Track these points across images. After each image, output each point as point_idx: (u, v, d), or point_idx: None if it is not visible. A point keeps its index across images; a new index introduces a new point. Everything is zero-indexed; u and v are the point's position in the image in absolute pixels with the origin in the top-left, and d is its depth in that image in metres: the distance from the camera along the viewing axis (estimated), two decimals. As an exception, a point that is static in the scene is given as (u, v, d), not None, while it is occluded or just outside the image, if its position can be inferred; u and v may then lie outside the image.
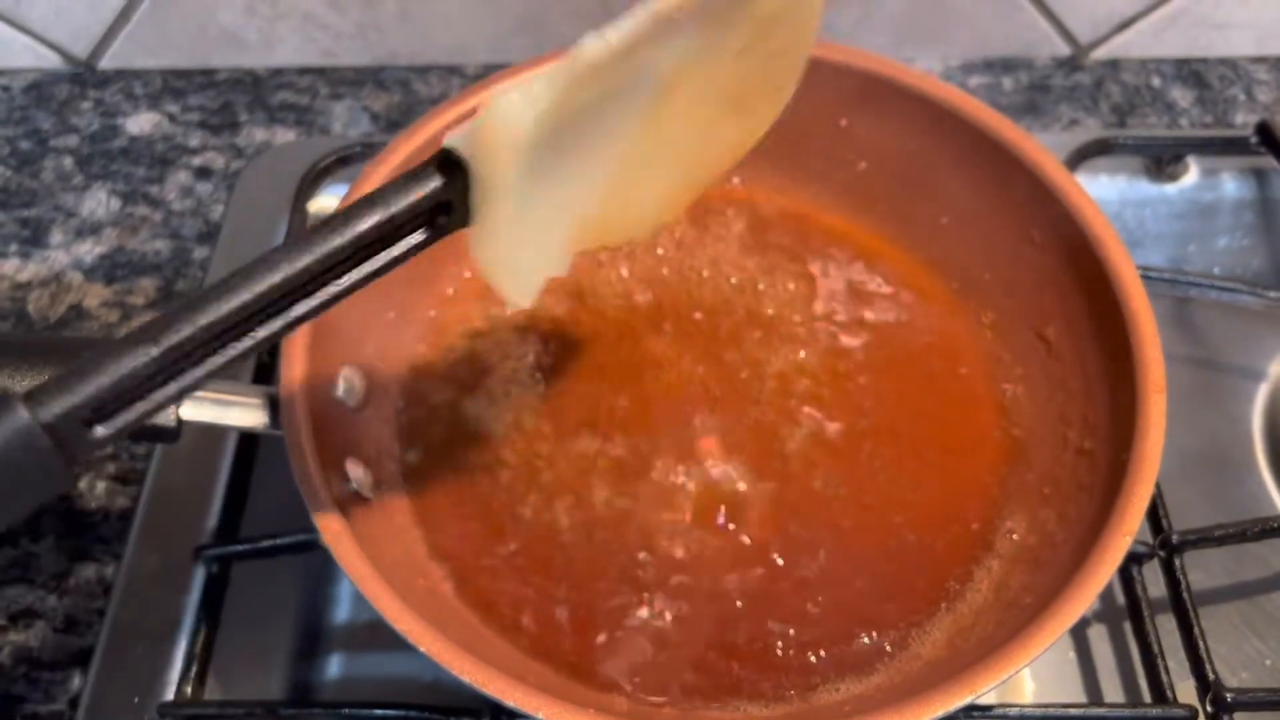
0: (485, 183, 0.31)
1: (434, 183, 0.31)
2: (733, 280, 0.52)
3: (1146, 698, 0.44)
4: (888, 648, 0.42)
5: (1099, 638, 0.48)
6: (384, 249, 0.31)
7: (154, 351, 0.28)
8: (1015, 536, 0.43)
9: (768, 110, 0.40)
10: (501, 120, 0.30)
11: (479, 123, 0.30)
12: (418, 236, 0.32)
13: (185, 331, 0.28)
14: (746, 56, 0.36)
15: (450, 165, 0.31)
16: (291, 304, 0.30)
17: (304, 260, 0.30)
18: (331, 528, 0.37)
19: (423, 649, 0.35)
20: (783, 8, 0.35)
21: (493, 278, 0.34)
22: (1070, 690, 0.46)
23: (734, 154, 0.41)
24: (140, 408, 0.29)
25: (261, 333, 0.30)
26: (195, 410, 0.40)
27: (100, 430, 0.28)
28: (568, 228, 0.36)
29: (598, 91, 0.32)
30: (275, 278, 0.29)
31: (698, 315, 0.50)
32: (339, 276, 0.31)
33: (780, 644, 0.42)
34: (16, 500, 0.27)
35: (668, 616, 0.42)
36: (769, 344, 0.49)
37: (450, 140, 0.31)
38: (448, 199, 0.31)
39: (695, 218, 0.54)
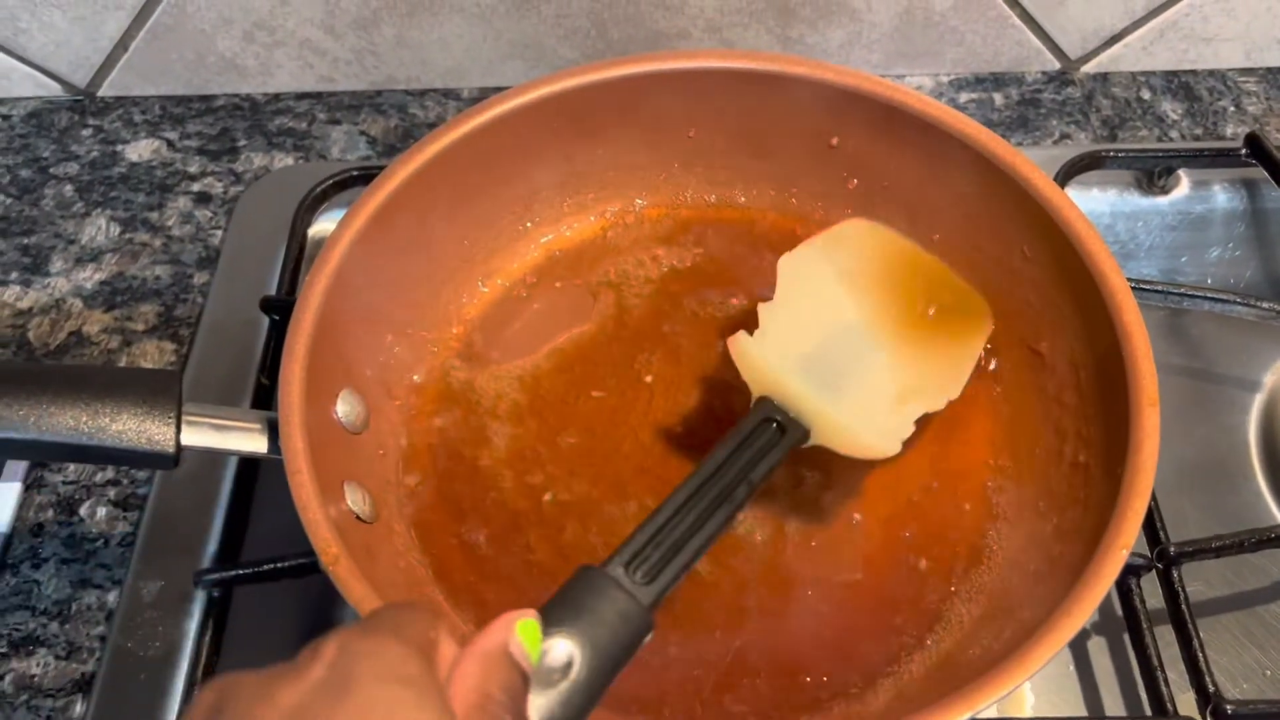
0: (781, 397, 0.42)
1: (768, 432, 0.41)
2: (732, 300, 0.52)
3: (1147, 710, 0.44)
4: (887, 665, 0.42)
5: (1099, 650, 0.48)
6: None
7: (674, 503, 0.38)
8: (1012, 551, 0.43)
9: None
10: (752, 349, 0.43)
11: (742, 363, 0.43)
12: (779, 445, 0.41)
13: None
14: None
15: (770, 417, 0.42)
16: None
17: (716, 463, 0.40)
18: (331, 551, 0.38)
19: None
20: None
21: (848, 449, 0.42)
22: (1070, 703, 0.46)
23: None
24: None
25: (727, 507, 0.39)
26: (195, 435, 0.40)
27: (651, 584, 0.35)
28: (879, 402, 0.44)
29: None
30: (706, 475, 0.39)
31: (690, 331, 0.51)
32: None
33: (778, 669, 0.42)
34: (623, 652, 0.32)
35: (669, 651, 0.42)
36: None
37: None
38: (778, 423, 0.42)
39: (686, 237, 0.54)
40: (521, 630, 0.29)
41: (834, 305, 0.46)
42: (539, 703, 0.29)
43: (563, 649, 0.30)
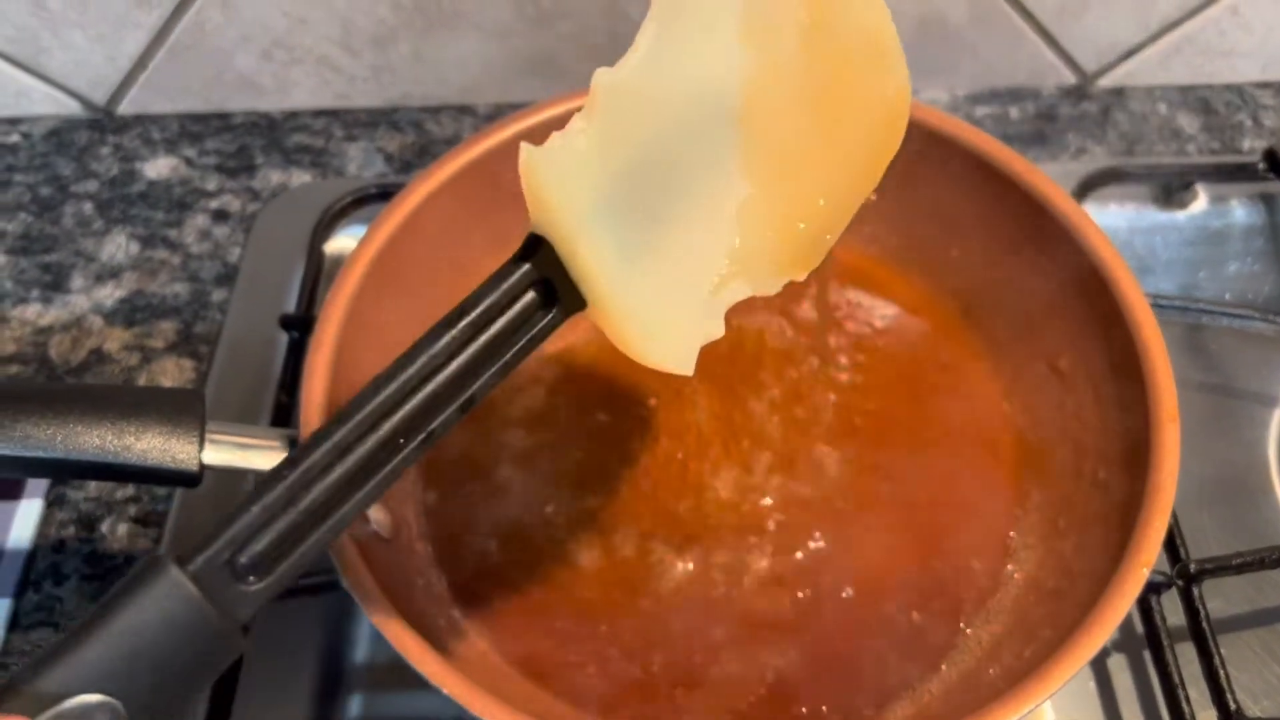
0: (563, 247, 0.30)
1: (522, 267, 0.30)
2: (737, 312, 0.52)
3: (1168, 728, 0.43)
4: (910, 683, 0.42)
5: (1119, 668, 0.47)
6: (503, 351, 0.31)
7: (289, 476, 0.28)
8: (1032, 568, 0.43)
9: (869, 114, 0.36)
10: (539, 171, 0.29)
11: (526, 186, 0.29)
12: (539, 323, 0.31)
13: (313, 454, 0.28)
14: (815, 64, 0.33)
15: (535, 245, 0.30)
16: (428, 421, 0.30)
17: (409, 371, 0.30)
18: (352, 568, 0.38)
19: (445, 690, 0.35)
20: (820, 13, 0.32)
21: (631, 349, 0.31)
22: (1092, 722, 0.46)
23: (868, 162, 0.37)
24: (296, 555, 0.28)
25: (395, 460, 0.30)
26: (216, 454, 0.40)
27: (254, 584, 0.27)
28: (696, 277, 0.32)
29: (654, 121, 0.30)
30: (387, 389, 0.29)
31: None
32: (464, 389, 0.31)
33: (804, 689, 0.42)
34: (186, 671, 0.26)
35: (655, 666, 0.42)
36: (779, 377, 0.50)
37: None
38: (543, 278, 0.31)
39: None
40: None
41: (705, 73, 0.31)
42: None
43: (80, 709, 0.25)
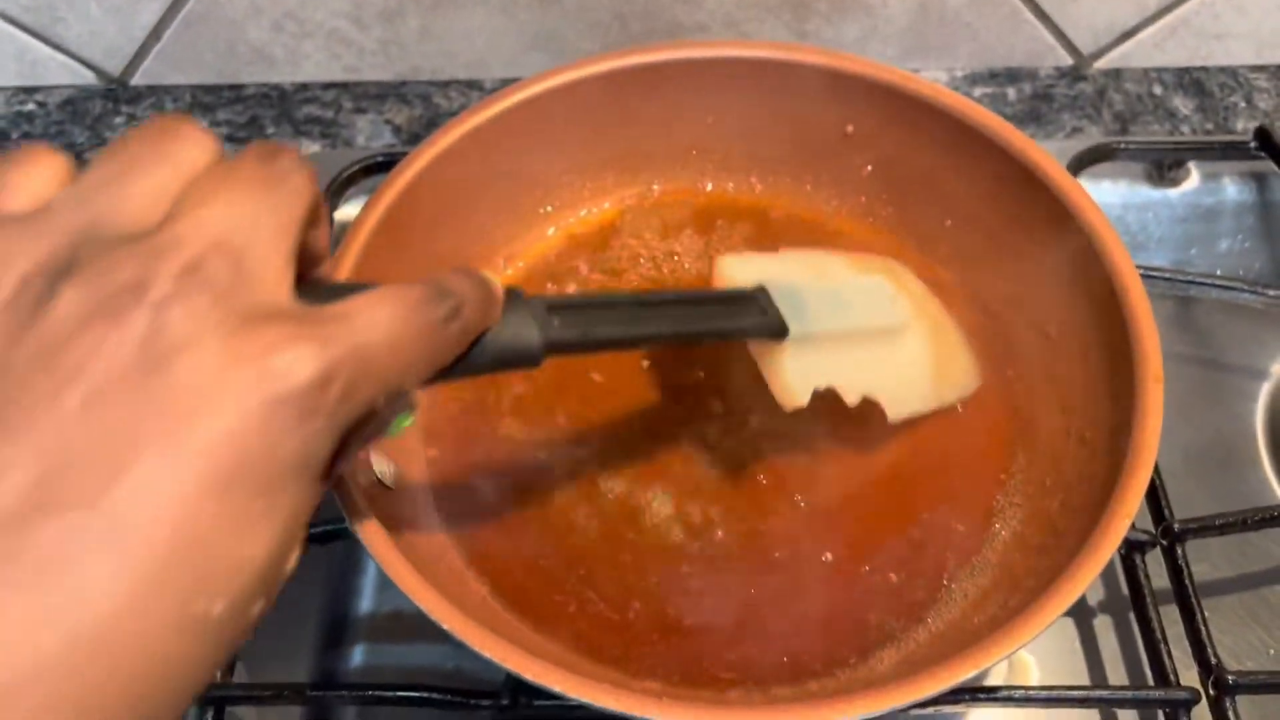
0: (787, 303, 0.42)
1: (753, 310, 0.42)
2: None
3: (1151, 683, 0.44)
4: (894, 635, 0.43)
5: (1104, 628, 0.49)
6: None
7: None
8: (1017, 525, 0.44)
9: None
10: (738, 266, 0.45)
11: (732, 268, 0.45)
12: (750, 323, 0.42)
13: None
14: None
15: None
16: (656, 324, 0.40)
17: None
18: (359, 514, 0.39)
19: (445, 625, 0.36)
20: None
21: (773, 375, 0.43)
22: (1076, 678, 0.47)
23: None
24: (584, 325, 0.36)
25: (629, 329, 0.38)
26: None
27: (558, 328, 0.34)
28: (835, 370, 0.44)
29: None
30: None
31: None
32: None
33: (795, 632, 0.43)
34: (492, 355, 0.32)
35: (686, 606, 0.44)
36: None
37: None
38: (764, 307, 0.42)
39: (704, 223, 0.55)
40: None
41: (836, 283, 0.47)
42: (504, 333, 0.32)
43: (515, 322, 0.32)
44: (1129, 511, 0.38)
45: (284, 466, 0.23)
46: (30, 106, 0.67)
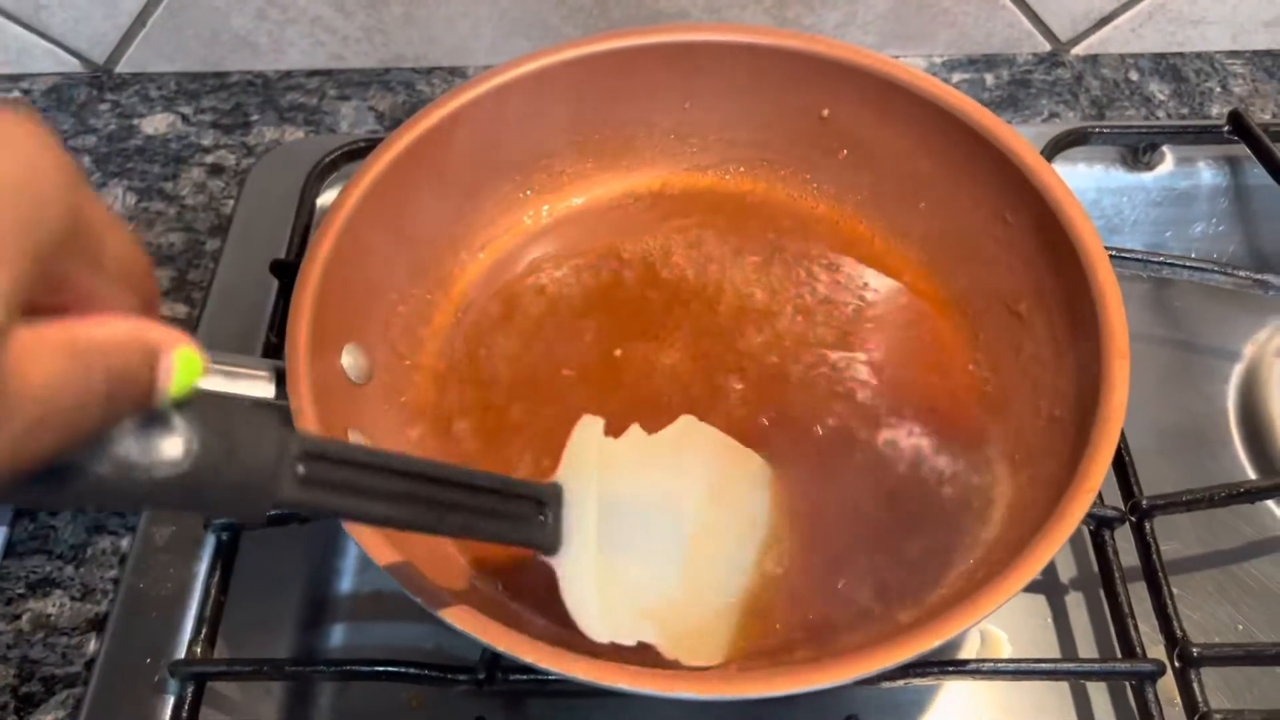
0: (570, 499, 0.38)
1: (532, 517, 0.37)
2: (716, 267, 0.54)
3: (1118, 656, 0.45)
4: (872, 613, 0.44)
5: (1076, 604, 0.49)
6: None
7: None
8: (989, 499, 0.45)
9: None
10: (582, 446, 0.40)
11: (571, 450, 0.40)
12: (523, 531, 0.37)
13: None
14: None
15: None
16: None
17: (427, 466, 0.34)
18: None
19: (420, 601, 0.36)
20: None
21: (569, 605, 0.38)
22: (1048, 652, 0.48)
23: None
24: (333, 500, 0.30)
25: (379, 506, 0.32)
26: (205, 382, 0.41)
27: (300, 489, 0.28)
28: (637, 603, 0.39)
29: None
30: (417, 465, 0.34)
31: (685, 296, 0.53)
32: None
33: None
34: (228, 494, 0.27)
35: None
36: (748, 322, 0.52)
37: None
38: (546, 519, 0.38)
39: (682, 209, 0.56)
40: (182, 356, 0.24)
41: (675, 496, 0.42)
42: (126, 443, 0.24)
43: (181, 429, 0.25)
44: (1093, 486, 0.38)
45: None
46: (15, 94, 0.67)
